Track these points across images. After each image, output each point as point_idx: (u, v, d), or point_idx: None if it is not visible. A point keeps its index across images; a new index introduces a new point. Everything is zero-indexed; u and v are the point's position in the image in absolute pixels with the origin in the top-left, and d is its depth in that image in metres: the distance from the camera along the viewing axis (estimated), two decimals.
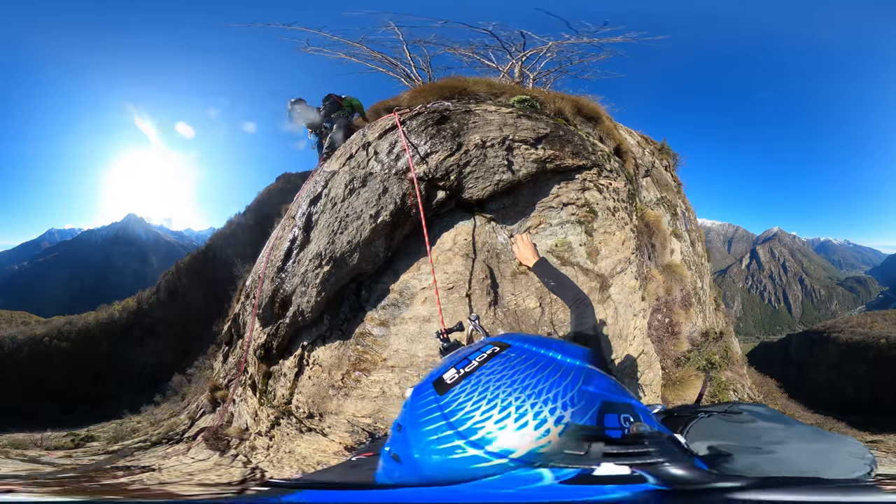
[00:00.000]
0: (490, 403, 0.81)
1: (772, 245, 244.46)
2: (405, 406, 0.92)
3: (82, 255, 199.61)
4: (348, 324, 3.85)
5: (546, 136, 3.92)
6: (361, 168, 3.97)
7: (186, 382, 13.22)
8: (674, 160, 9.11)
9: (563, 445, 0.77)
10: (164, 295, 36.83)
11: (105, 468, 5.12)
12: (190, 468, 4.80)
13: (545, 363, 0.88)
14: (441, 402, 0.85)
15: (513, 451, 0.77)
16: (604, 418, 0.80)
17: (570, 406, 0.80)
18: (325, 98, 6.55)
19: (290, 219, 4.72)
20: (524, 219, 3.82)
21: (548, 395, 0.81)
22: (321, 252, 3.76)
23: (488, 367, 0.89)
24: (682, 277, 4.95)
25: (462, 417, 0.81)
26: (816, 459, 0.99)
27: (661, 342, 4.30)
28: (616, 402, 0.83)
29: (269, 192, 36.42)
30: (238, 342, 6.63)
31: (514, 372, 0.86)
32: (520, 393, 0.81)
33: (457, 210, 3.78)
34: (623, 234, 4.13)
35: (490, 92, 4.99)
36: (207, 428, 5.82)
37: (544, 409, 0.79)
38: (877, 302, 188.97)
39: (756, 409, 1.13)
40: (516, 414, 0.79)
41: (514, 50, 7.76)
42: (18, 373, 29.45)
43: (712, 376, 4.77)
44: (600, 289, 3.81)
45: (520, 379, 0.84)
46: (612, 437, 0.77)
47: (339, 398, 3.78)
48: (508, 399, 0.81)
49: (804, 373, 44.27)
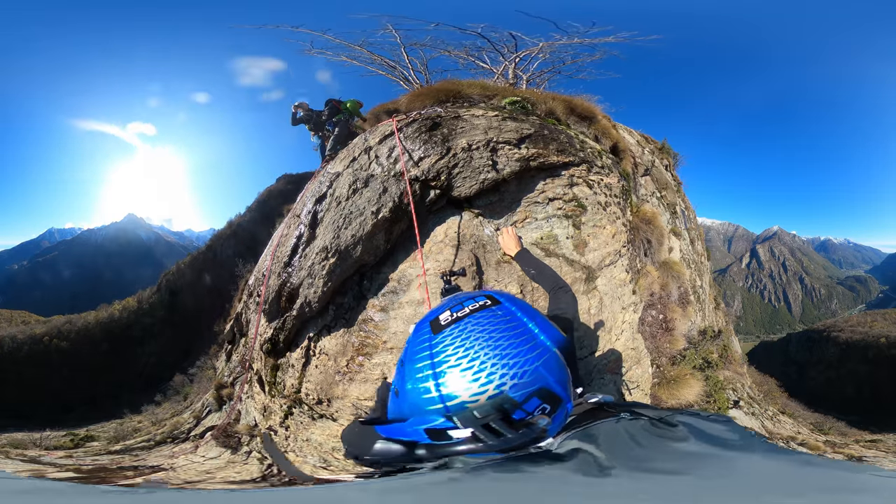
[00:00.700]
0: (465, 352, 0.88)
1: (772, 244, 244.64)
2: (407, 342, 1.01)
3: (82, 255, 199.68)
4: (352, 312, 4.13)
5: (530, 135, 4.17)
6: (364, 170, 4.28)
7: (188, 382, 13.24)
8: (674, 159, 9.12)
9: (480, 408, 0.84)
10: (165, 295, 36.81)
11: (112, 468, 5.13)
12: (203, 466, 4.84)
13: (522, 332, 0.92)
14: (432, 341, 0.93)
15: (454, 398, 0.85)
16: (529, 400, 0.86)
17: (516, 378, 0.86)
18: (326, 102, 6.83)
19: (294, 217, 4.94)
20: (510, 213, 4.08)
21: (507, 361, 0.86)
22: (327, 246, 4.05)
23: (475, 318, 0.95)
24: (680, 275, 4.95)
25: (442, 359, 0.89)
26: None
27: (655, 339, 4.31)
28: (553, 393, 0.88)
29: (270, 192, 36.38)
30: (241, 340, 6.68)
31: (493, 329, 0.92)
32: (489, 350, 0.88)
33: (448, 206, 4.08)
34: (614, 228, 4.29)
35: (484, 94, 5.19)
36: (216, 426, 5.85)
37: (496, 373, 0.85)
38: (877, 301, 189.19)
39: (704, 424, 0.92)
40: (476, 368, 0.86)
41: (507, 51, 7.81)
42: (18, 372, 29.45)
43: (708, 375, 4.77)
44: (586, 279, 4.00)
45: (495, 338, 0.90)
46: (512, 419, 0.84)
47: (344, 383, 4.05)
48: (479, 353, 0.87)
49: (804, 372, 44.31)
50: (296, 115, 7.11)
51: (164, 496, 0.87)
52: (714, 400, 4.62)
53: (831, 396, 35.21)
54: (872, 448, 8.13)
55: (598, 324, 4.04)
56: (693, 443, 0.85)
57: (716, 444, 0.85)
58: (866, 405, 32.25)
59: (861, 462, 6.29)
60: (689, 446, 0.84)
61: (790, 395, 14.17)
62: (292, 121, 7.17)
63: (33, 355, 31.09)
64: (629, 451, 0.83)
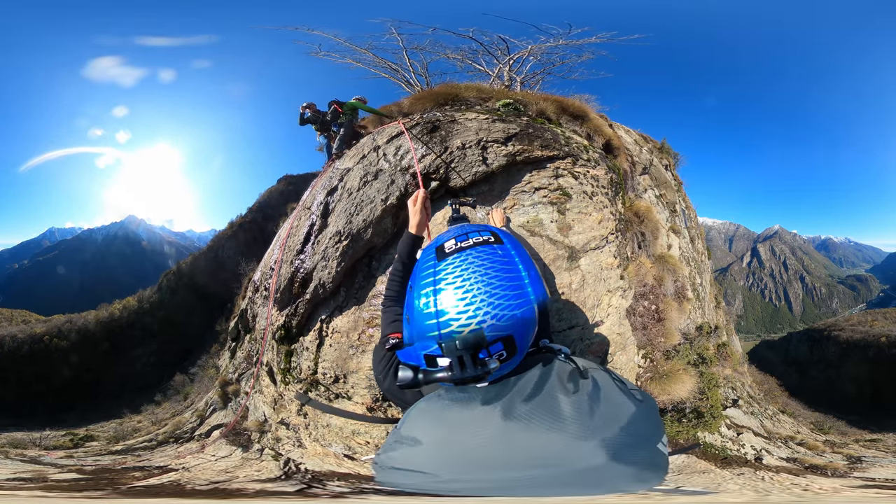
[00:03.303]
0: (463, 281, 0.96)
1: (773, 243, 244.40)
2: (414, 267, 1.10)
3: (83, 255, 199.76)
4: (362, 290, 4.62)
5: (515, 134, 4.75)
6: (373, 166, 4.90)
7: (189, 382, 13.25)
8: (674, 159, 9.13)
9: (463, 339, 0.93)
10: (166, 294, 36.78)
11: (116, 469, 5.12)
12: (219, 465, 4.84)
13: (515, 276, 0.98)
14: (437, 267, 1.01)
15: (447, 324, 0.93)
16: (495, 343, 0.94)
17: (496, 319, 0.93)
18: (330, 104, 7.05)
19: (305, 209, 5.41)
20: (500, 201, 4.61)
21: (492, 301, 0.93)
22: (340, 231, 4.61)
23: (477, 251, 1.02)
24: (676, 269, 4.99)
25: (441, 287, 0.96)
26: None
27: (647, 329, 4.38)
28: (515, 344, 0.96)
29: (271, 192, 36.31)
30: (246, 337, 6.74)
31: (491, 265, 0.99)
32: (482, 286, 0.95)
33: (446, 195, 4.65)
34: (600, 216, 4.63)
35: (480, 97, 5.67)
36: (224, 424, 5.86)
37: (482, 309, 0.93)
38: (877, 300, 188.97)
39: (610, 386, 0.94)
40: (468, 300, 0.93)
41: (500, 54, 7.93)
42: (18, 371, 29.46)
43: (702, 371, 4.77)
44: (568, 258, 4.36)
45: (490, 274, 0.97)
46: (479, 356, 0.93)
47: (357, 356, 4.46)
48: (473, 286, 0.95)
49: (805, 371, 44.24)
50: (303, 115, 7.30)
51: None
52: (707, 397, 4.61)
53: (832, 395, 35.14)
54: (872, 448, 8.14)
55: (584, 304, 4.25)
56: (574, 400, 0.90)
57: (591, 413, 0.87)
58: (866, 404, 32.20)
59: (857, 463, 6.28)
60: (565, 402, 0.89)
61: (790, 394, 14.16)
62: (300, 121, 7.32)
63: (33, 354, 31.05)
64: (527, 391, 0.92)
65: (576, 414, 0.86)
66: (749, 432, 5.97)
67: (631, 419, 0.88)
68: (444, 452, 0.88)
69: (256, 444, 5.06)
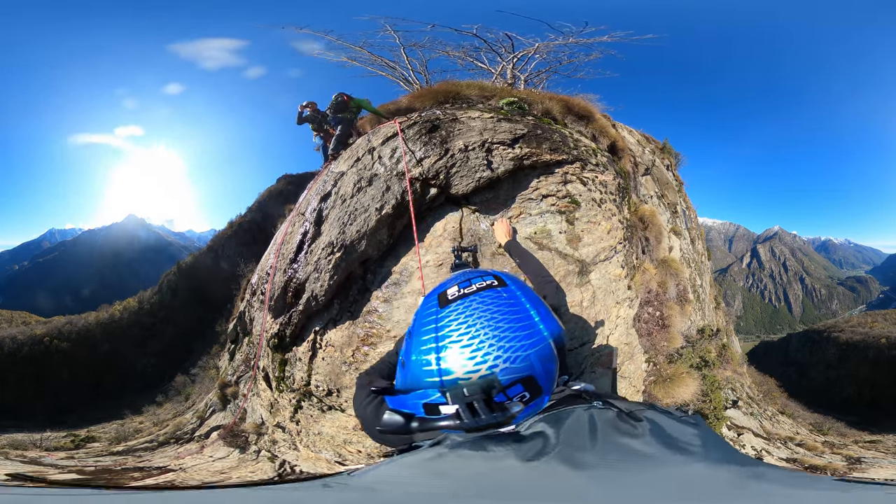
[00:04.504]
0: (467, 329, 0.91)
1: (772, 244, 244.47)
2: (415, 313, 1.05)
3: (83, 256, 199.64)
4: (356, 305, 4.30)
5: (523, 135, 4.34)
6: (368, 170, 4.47)
7: (190, 382, 13.27)
8: (676, 159, 9.15)
9: (470, 386, 0.88)
10: (166, 295, 36.74)
11: (116, 470, 5.14)
12: (214, 466, 4.86)
13: (523, 317, 0.94)
14: (439, 314, 0.97)
15: (451, 373, 0.89)
16: (514, 386, 0.89)
17: (508, 362, 0.89)
18: (337, 95, 6.76)
19: (299, 215, 5.06)
20: (505, 209, 4.26)
21: (503, 344, 0.89)
22: (333, 241, 4.25)
23: (481, 297, 0.98)
24: (678, 273, 4.96)
25: (445, 334, 0.92)
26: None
27: (652, 335, 4.31)
28: (537, 383, 0.91)
29: (270, 192, 36.26)
30: (245, 339, 6.71)
31: (497, 310, 0.95)
32: (490, 331, 0.90)
33: (446, 203, 4.30)
34: (609, 224, 4.37)
35: (482, 95, 5.30)
36: (222, 425, 5.87)
37: (492, 354, 0.88)
38: (877, 302, 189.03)
39: (670, 424, 0.86)
40: (474, 346, 0.89)
41: (504, 52, 7.85)
42: (18, 373, 29.44)
43: (705, 374, 4.77)
44: (579, 273, 4.09)
45: (496, 319, 0.93)
46: (495, 400, 0.88)
47: (350, 373, 4.24)
48: (480, 332, 0.90)
49: (804, 372, 44.20)
50: (301, 114, 7.11)
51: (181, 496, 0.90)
52: (710, 399, 4.62)
53: (831, 397, 35.15)
54: (871, 449, 8.15)
55: (595, 320, 4.08)
56: (645, 440, 0.81)
57: (669, 445, 0.80)
58: (866, 406, 32.18)
59: (857, 464, 6.30)
60: (637, 443, 0.81)
61: (790, 395, 14.17)
62: (298, 119, 7.17)
63: (34, 356, 31.05)
64: (579, 440, 0.81)
65: (657, 451, 0.79)
66: (749, 433, 5.99)
67: (703, 441, 0.82)
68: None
69: (253, 446, 5.06)
